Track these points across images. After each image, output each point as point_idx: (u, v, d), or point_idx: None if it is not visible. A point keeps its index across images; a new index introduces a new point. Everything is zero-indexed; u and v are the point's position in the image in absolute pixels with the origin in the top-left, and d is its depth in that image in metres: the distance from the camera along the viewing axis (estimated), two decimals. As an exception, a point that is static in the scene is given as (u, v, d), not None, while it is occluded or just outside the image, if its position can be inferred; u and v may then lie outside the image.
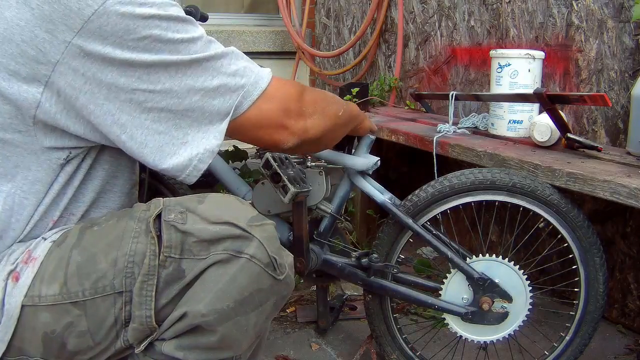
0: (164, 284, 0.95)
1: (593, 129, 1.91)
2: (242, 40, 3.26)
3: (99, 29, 0.87)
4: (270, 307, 1.01)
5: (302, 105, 1.07)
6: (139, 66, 0.90)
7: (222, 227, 0.95)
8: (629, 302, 1.91)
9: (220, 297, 0.95)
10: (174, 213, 0.96)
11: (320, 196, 1.57)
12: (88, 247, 0.96)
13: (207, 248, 0.95)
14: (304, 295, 2.10)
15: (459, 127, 2.00)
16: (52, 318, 0.94)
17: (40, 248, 0.97)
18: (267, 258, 0.97)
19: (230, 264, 0.95)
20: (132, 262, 0.94)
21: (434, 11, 2.47)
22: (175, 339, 0.97)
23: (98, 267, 0.94)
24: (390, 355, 1.61)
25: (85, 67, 0.88)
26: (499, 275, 1.47)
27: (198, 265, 0.95)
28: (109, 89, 0.90)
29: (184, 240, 0.95)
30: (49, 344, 0.95)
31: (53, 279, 0.94)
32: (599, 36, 1.85)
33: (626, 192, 1.36)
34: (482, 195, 1.49)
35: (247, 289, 0.96)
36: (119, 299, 0.94)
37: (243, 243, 0.96)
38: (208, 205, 0.98)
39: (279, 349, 1.78)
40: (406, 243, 1.56)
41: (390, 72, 2.76)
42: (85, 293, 0.94)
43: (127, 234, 0.95)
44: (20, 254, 0.96)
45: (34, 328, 0.94)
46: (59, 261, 0.95)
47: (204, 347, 0.97)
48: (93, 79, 0.89)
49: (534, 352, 1.62)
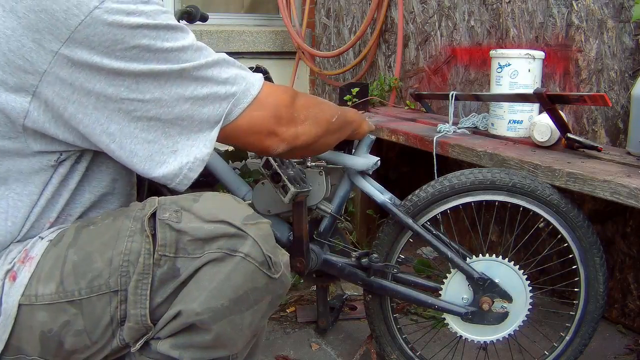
0: (158, 283, 0.95)
1: (593, 129, 1.91)
2: (242, 40, 3.26)
3: (86, 39, 0.86)
4: (266, 305, 1.01)
5: (293, 111, 1.07)
6: (128, 76, 0.89)
7: (217, 225, 0.95)
8: (629, 302, 1.91)
9: (214, 296, 0.95)
10: (168, 212, 0.96)
11: (320, 196, 1.57)
12: (84, 246, 0.96)
13: (202, 247, 0.95)
14: (304, 295, 2.10)
15: (459, 127, 2.00)
16: (49, 317, 0.94)
17: (37, 247, 0.97)
18: (262, 257, 0.97)
19: (225, 263, 0.95)
20: (127, 260, 0.94)
21: (434, 11, 2.47)
22: (171, 337, 0.97)
23: (94, 266, 0.94)
24: (390, 355, 1.61)
25: (72, 77, 0.88)
26: (499, 275, 1.47)
27: (193, 264, 0.95)
28: (97, 98, 0.89)
29: (179, 239, 0.95)
30: (47, 343, 0.95)
31: (49, 278, 0.94)
32: (599, 36, 1.85)
33: (626, 192, 1.36)
34: (482, 195, 1.49)
35: (242, 287, 0.96)
36: (114, 297, 0.94)
37: (237, 241, 0.96)
38: (203, 203, 0.98)
39: (279, 349, 1.78)
40: (406, 243, 1.56)
41: (390, 72, 2.76)
42: (82, 292, 0.94)
43: (122, 232, 0.95)
44: (17, 253, 0.96)
45: (31, 327, 0.94)
46: (55, 260, 0.95)
47: (199, 345, 0.97)
48: (81, 88, 0.88)
49: (534, 352, 1.62)
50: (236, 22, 3.51)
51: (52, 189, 0.98)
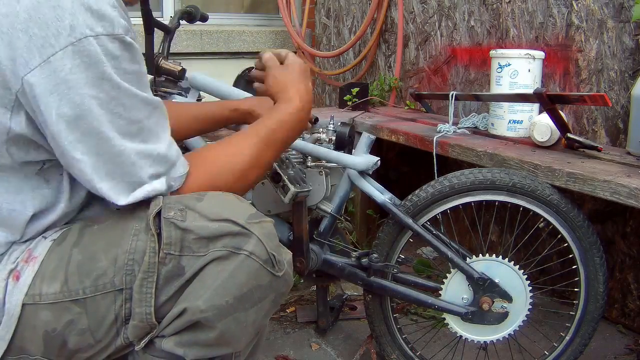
0: (163, 281, 0.95)
1: (593, 129, 1.91)
2: (242, 40, 3.26)
3: (54, 72, 0.86)
4: (269, 303, 1.01)
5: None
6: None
7: (221, 224, 0.96)
8: (629, 302, 1.91)
9: (219, 293, 0.95)
10: (173, 211, 0.96)
11: (320, 196, 1.57)
12: (88, 245, 0.96)
13: (207, 245, 0.95)
14: (304, 295, 2.10)
15: (459, 127, 2.01)
16: (52, 316, 0.94)
17: (40, 247, 0.97)
18: (266, 254, 0.97)
19: (229, 261, 0.95)
20: (132, 259, 0.94)
21: (434, 11, 2.47)
22: (175, 335, 0.97)
23: (98, 265, 0.94)
24: (390, 355, 1.61)
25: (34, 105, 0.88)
26: (499, 275, 1.47)
27: (197, 262, 0.95)
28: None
29: (184, 237, 0.95)
30: (50, 342, 0.95)
31: (54, 278, 0.94)
32: (599, 36, 1.85)
33: (626, 192, 1.36)
34: (482, 195, 1.49)
35: (246, 285, 0.96)
36: (119, 296, 0.94)
37: (242, 240, 0.96)
38: (207, 202, 0.99)
39: (279, 349, 1.78)
40: (406, 243, 1.56)
41: (390, 72, 2.76)
42: (86, 291, 0.94)
43: (127, 232, 0.96)
44: (20, 252, 0.97)
45: (35, 326, 0.94)
46: (59, 260, 0.95)
47: (204, 343, 0.98)
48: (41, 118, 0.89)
49: (534, 352, 1.62)
50: (236, 22, 3.51)
51: (45, 193, 0.98)
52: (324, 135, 1.62)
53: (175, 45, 2.80)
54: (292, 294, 2.10)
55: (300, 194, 1.38)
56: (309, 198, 1.53)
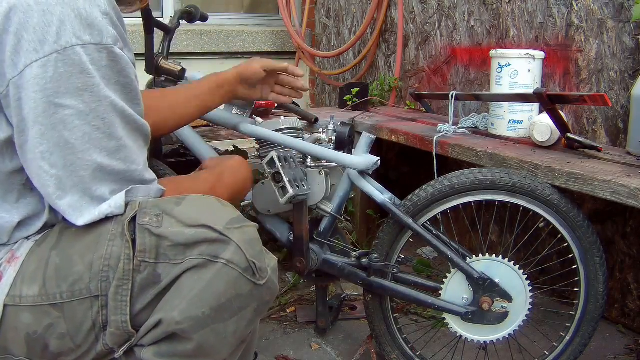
0: (139, 289, 0.93)
1: (593, 129, 1.91)
2: (242, 40, 3.26)
3: (34, 79, 0.86)
4: (251, 313, 0.98)
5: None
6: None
7: (198, 230, 0.93)
8: (629, 302, 1.91)
9: (195, 304, 0.92)
10: (149, 216, 0.94)
11: (320, 196, 1.57)
12: (66, 248, 0.94)
13: (183, 252, 0.93)
14: (304, 295, 2.10)
15: (459, 127, 2.01)
16: (33, 319, 0.93)
17: (23, 248, 0.96)
18: (245, 262, 0.94)
19: (206, 269, 0.93)
20: (108, 265, 0.92)
21: (434, 11, 2.47)
22: (154, 345, 0.95)
23: (75, 270, 0.92)
24: (390, 355, 1.61)
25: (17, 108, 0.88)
26: (499, 275, 1.47)
27: (174, 270, 0.93)
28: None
29: (159, 244, 0.93)
30: (32, 344, 0.94)
31: (33, 280, 0.93)
32: (599, 36, 1.85)
33: (626, 192, 1.36)
34: (482, 195, 1.49)
35: (224, 295, 0.94)
36: (95, 302, 0.93)
37: (219, 247, 0.93)
38: (185, 207, 0.96)
39: (279, 349, 1.78)
40: (406, 243, 1.56)
41: (390, 72, 2.76)
42: (63, 295, 0.92)
43: (103, 236, 0.93)
44: (4, 253, 0.96)
45: (17, 328, 0.93)
46: (39, 261, 0.94)
47: (182, 354, 0.95)
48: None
49: (534, 352, 1.62)
50: (236, 22, 3.51)
51: (29, 201, 0.97)
52: (324, 135, 1.62)
53: (175, 45, 2.80)
54: (292, 294, 2.10)
55: (297, 197, 1.38)
56: (309, 198, 1.53)
